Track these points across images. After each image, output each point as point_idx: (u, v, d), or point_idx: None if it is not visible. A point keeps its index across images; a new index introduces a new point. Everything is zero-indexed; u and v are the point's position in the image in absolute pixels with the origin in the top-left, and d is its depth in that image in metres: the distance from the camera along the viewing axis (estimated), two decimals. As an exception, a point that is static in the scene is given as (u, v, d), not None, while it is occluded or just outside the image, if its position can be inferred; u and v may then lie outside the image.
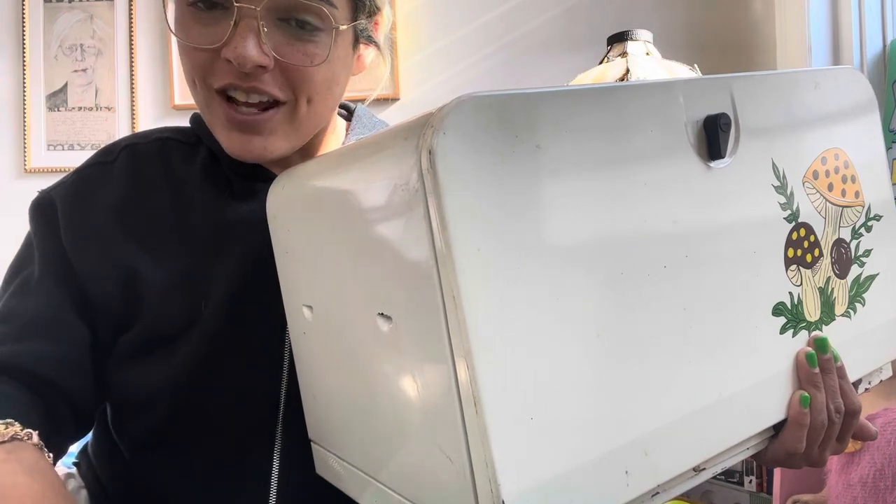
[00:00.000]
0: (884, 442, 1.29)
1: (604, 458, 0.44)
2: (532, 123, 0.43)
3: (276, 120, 0.58)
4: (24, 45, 1.97)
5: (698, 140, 0.52)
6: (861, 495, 1.30)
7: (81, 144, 1.98)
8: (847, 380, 0.57)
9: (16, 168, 1.99)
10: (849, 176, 0.62)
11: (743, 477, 1.65)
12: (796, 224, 0.57)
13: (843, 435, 0.58)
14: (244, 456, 0.61)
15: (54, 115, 1.99)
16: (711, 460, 0.51)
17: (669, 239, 0.48)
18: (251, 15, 0.54)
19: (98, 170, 0.64)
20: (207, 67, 0.57)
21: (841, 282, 0.60)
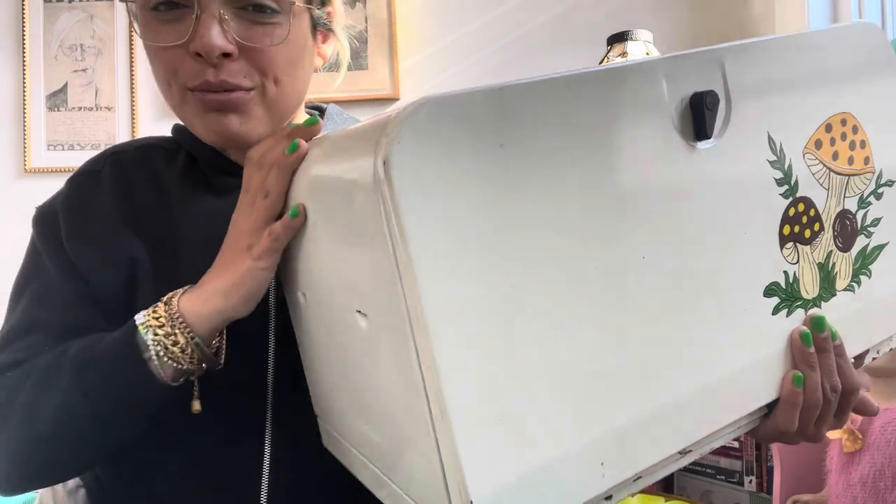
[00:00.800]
0: (884, 442, 1.29)
1: (577, 453, 0.44)
2: (494, 122, 0.42)
3: (250, 102, 0.60)
4: (24, 45, 1.97)
5: (683, 120, 0.50)
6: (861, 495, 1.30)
7: (81, 144, 1.98)
8: (846, 357, 0.56)
9: (16, 168, 1.99)
10: (857, 142, 0.59)
11: (743, 477, 1.65)
12: (794, 199, 0.55)
13: (842, 412, 0.57)
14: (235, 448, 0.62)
15: (54, 115, 1.99)
16: (699, 443, 0.51)
17: (649, 229, 0.47)
18: (211, 7, 0.57)
19: (87, 178, 0.66)
20: (178, 65, 0.59)
21: (844, 255, 0.58)
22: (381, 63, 1.94)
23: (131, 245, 0.62)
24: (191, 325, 0.53)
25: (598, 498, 0.46)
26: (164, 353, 0.53)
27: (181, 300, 0.54)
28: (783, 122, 0.54)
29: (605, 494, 0.46)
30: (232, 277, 0.54)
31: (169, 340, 0.53)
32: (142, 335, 0.53)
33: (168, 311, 0.54)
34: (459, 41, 1.94)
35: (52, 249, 0.63)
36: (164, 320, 0.53)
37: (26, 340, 0.61)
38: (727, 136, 0.51)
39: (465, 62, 1.93)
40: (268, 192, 0.54)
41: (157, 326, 0.53)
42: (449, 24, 1.94)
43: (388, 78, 1.93)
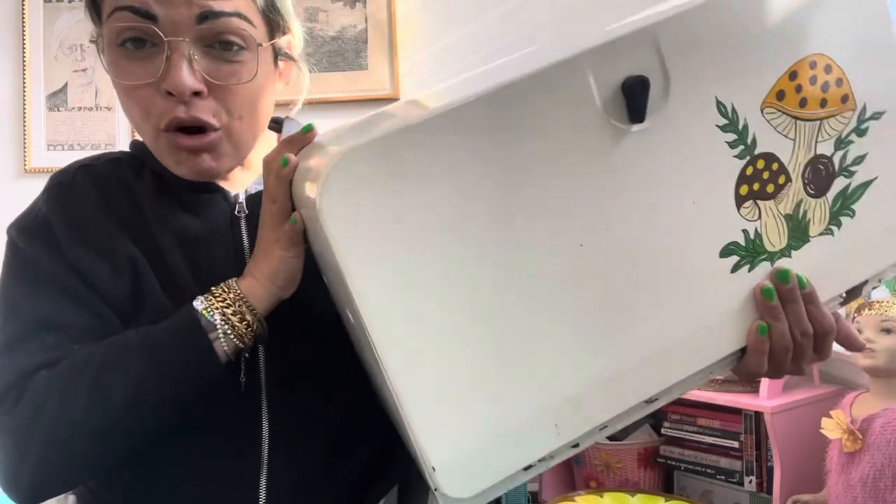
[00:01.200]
0: (884, 442, 1.29)
1: (528, 419, 0.51)
2: (415, 156, 0.49)
3: (219, 142, 0.63)
4: (24, 45, 1.97)
5: (617, 106, 0.52)
6: (861, 495, 1.30)
7: (81, 144, 1.98)
8: (817, 303, 0.57)
9: (16, 168, 1.99)
10: (832, 81, 0.58)
11: (743, 477, 1.65)
12: (752, 157, 0.55)
13: (820, 350, 0.60)
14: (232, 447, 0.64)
15: (54, 115, 1.99)
16: (665, 391, 0.55)
17: (583, 217, 0.52)
18: (181, 47, 0.59)
19: (63, 188, 0.67)
20: (149, 105, 0.61)
21: (817, 201, 0.58)
22: (381, 63, 1.94)
23: (124, 244, 0.64)
24: (252, 303, 0.60)
25: (564, 447, 0.53)
26: (231, 331, 0.59)
27: (240, 284, 0.60)
28: (734, 83, 0.54)
29: (571, 443, 0.53)
30: (271, 266, 0.60)
31: (236, 318, 0.59)
32: (207, 317, 0.59)
33: (233, 293, 0.60)
34: (459, 41, 1.94)
35: (50, 256, 0.63)
36: (230, 301, 0.59)
37: (45, 341, 0.61)
38: (666, 113, 0.53)
39: (465, 62, 1.94)
40: (275, 199, 0.58)
41: (223, 307, 0.59)
42: (449, 24, 1.95)
43: (388, 78, 1.93)
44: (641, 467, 1.83)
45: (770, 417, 1.50)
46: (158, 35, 0.59)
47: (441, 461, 0.50)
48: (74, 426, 0.57)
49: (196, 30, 0.59)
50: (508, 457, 0.52)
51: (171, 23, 0.58)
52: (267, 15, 0.64)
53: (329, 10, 1.96)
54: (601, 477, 1.85)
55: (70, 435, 0.57)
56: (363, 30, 1.95)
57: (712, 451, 1.71)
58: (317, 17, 1.96)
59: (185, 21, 0.58)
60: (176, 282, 0.64)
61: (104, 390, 0.57)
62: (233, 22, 0.60)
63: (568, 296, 0.52)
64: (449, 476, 0.50)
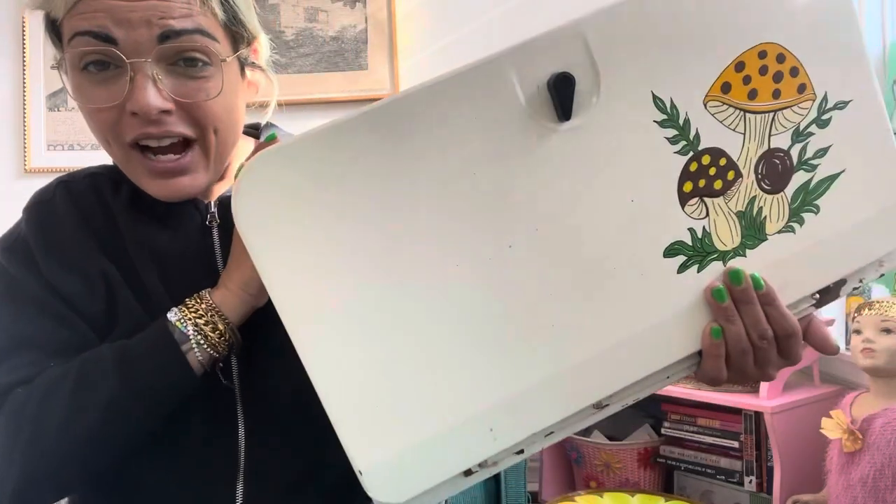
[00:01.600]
0: (884, 442, 1.29)
1: (460, 425, 0.50)
2: (331, 159, 0.49)
3: (194, 159, 0.63)
4: (24, 46, 1.97)
5: (543, 105, 0.51)
6: (861, 495, 1.30)
7: (81, 144, 1.98)
8: (776, 305, 0.55)
9: (16, 168, 1.99)
10: (785, 71, 0.54)
11: (743, 477, 1.65)
12: (696, 153, 0.53)
13: (787, 354, 0.57)
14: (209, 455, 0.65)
15: (54, 115, 1.99)
16: (616, 395, 0.54)
17: (511, 218, 0.51)
18: (144, 68, 0.58)
19: (43, 206, 0.68)
20: (115, 125, 0.61)
21: (774, 197, 0.55)
22: (380, 63, 1.94)
23: (98, 260, 0.65)
24: (225, 314, 0.60)
25: (503, 452, 0.52)
26: (205, 341, 0.60)
27: (212, 295, 0.61)
28: (672, 76, 0.52)
29: (513, 450, 0.52)
30: (243, 275, 0.61)
31: (208, 328, 0.60)
32: (181, 328, 0.60)
33: (205, 304, 0.61)
34: (459, 41, 1.94)
35: (30, 276, 0.64)
36: (202, 312, 0.60)
37: (21, 358, 0.62)
38: (597, 110, 0.51)
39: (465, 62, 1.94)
40: None
41: (195, 318, 0.60)
42: (449, 24, 1.95)
43: (387, 78, 1.94)
44: (641, 467, 1.83)
45: (770, 417, 1.50)
46: (120, 57, 0.58)
47: (368, 464, 0.50)
48: (53, 441, 0.57)
49: (158, 49, 0.58)
50: (442, 462, 0.51)
51: (132, 44, 0.58)
52: (230, 28, 0.63)
53: (329, 10, 1.96)
54: (601, 477, 1.85)
55: (50, 450, 0.58)
56: (363, 30, 1.95)
57: (712, 451, 1.71)
58: (317, 17, 1.96)
59: (146, 42, 0.58)
60: (149, 295, 0.64)
61: (80, 405, 0.58)
62: (195, 39, 0.59)
63: (497, 297, 0.51)
64: (378, 480, 0.50)
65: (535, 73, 0.51)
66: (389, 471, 0.50)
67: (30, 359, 0.61)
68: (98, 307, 0.64)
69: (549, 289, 0.52)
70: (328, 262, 0.49)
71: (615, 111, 0.52)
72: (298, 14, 1.97)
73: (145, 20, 0.57)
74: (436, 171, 0.50)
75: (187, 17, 0.59)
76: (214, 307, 0.60)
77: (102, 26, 0.57)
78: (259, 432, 0.65)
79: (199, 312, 0.60)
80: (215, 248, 0.66)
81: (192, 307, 0.61)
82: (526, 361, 0.52)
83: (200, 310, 0.60)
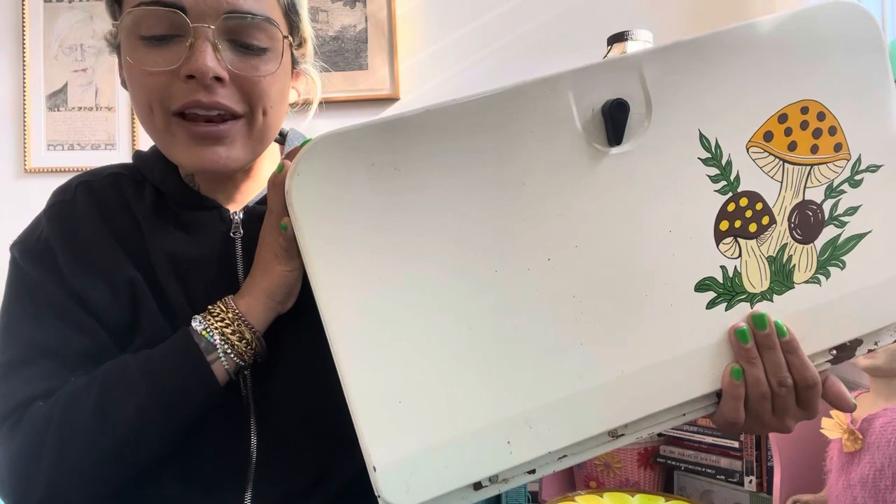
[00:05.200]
0: (884, 442, 1.29)
1: (479, 433, 0.51)
2: (388, 150, 0.49)
3: (236, 130, 0.62)
4: (24, 45, 1.97)
5: (596, 129, 0.52)
6: (861, 495, 1.30)
7: (81, 144, 1.98)
8: (798, 353, 0.55)
9: (16, 168, 1.99)
10: (825, 129, 0.56)
11: (743, 477, 1.65)
12: (735, 195, 0.55)
13: (806, 406, 0.57)
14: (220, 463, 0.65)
15: (54, 115, 1.99)
16: (631, 426, 0.54)
17: (554, 232, 0.52)
18: (205, 33, 0.58)
19: (64, 207, 0.66)
20: (165, 91, 0.60)
21: (804, 247, 0.56)
22: (381, 63, 1.94)
23: (124, 266, 0.63)
24: (251, 322, 0.59)
25: (516, 469, 0.52)
26: (231, 350, 0.59)
27: (237, 302, 0.60)
28: (719, 118, 0.54)
29: (526, 468, 0.53)
30: (270, 281, 0.60)
31: (235, 336, 0.59)
32: (207, 338, 0.59)
33: (231, 313, 0.60)
34: (459, 41, 1.94)
35: (52, 281, 0.63)
36: (228, 321, 0.59)
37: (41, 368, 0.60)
38: (646, 139, 0.53)
39: (465, 62, 1.93)
40: (272, 209, 0.58)
41: (223, 327, 0.59)
42: (449, 24, 1.94)
43: (388, 78, 1.93)
44: (641, 467, 1.83)
45: (770, 417, 1.50)
46: (184, 21, 0.58)
47: (383, 463, 0.50)
48: (78, 456, 0.57)
49: (223, 20, 0.58)
50: (456, 469, 0.51)
51: (199, 11, 0.58)
52: (289, 16, 0.64)
53: (329, 10, 1.96)
54: (601, 477, 1.85)
55: (74, 466, 0.57)
56: (363, 30, 1.95)
57: (712, 451, 1.71)
58: (317, 17, 1.96)
59: (213, 12, 0.58)
60: (170, 303, 0.63)
61: (106, 418, 0.57)
62: (260, 22, 0.60)
63: (530, 309, 0.52)
64: (390, 479, 0.50)
65: (591, 97, 0.52)
66: (403, 471, 0.50)
67: (49, 370, 0.60)
68: (123, 316, 0.63)
69: (582, 307, 0.52)
70: (373, 255, 0.50)
71: (663, 143, 0.53)
72: (298, 14, 1.97)
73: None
74: (489, 177, 0.51)
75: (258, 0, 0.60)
76: (241, 315, 0.60)
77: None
78: (270, 442, 0.64)
79: (225, 321, 0.59)
80: (237, 258, 0.65)
81: (217, 315, 0.60)
82: (550, 376, 0.52)
83: (227, 318, 0.59)
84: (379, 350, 0.50)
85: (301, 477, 0.65)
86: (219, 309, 0.60)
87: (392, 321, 0.50)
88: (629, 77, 0.53)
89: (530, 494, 1.85)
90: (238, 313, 0.60)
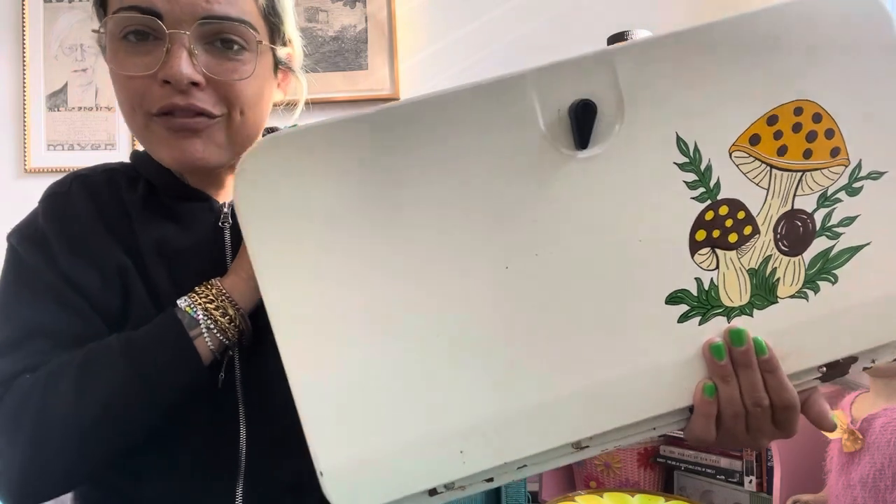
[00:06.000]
0: (884, 442, 1.29)
1: (430, 442, 0.49)
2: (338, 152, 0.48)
3: (213, 128, 0.63)
4: (24, 45, 1.97)
5: (563, 131, 0.49)
6: (861, 495, 1.30)
7: (81, 144, 1.98)
8: (777, 374, 0.52)
9: (16, 168, 1.99)
10: (820, 132, 0.52)
11: (743, 477, 1.65)
12: (714, 202, 0.51)
13: (783, 427, 0.54)
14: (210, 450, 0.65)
15: (54, 115, 1.99)
16: (597, 438, 0.52)
17: (512, 240, 0.49)
18: (181, 39, 0.59)
19: (60, 198, 0.68)
20: (144, 93, 0.61)
21: (791, 260, 0.52)
22: (381, 63, 1.94)
23: (115, 254, 0.65)
24: (235, 300, 0.60)
25: (471, 478, 0.51)
26: (215, 326, 0.59)
27: (222, 282, 0.61)
28: (700, 120, 0.50)
29: (482, 477, 0.51)
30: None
31: (218, 312, 0.59)
32: (190, 314, 0.59)
33: (215, 290, 0.60)
34: (459, 41, 1.94)
35: (46, 266, 0.64)
36: (212, 297, 0.60)
37: (33, 346, 0.61)
38: (617, 142, 0.50)
39: (465, 62, 1.93)
40: None
41: (206, 303, 0.60)
42: (449, 24, 1.94)
43: (387, 78, 1.93)
44: (641, 467, 1.83)
45: (770, 417, 1.50)
46: (160, 27, 0.59)
47: (330, 467, 0.49)
48: (58, 428, 0.57)
49: (198, 25, 0.59)
50: (405, 476, 0.49)
51: (174, 17, 0.59)
52: (268, 18, 0.64)
53: (329, 10, 1.96)
54: (601, 477, 1.85)
55: (53, 436, 0.57)
56: (363, 30, 1.95)
57: (712, 451, 1.71)
58: (317, 17, 1.96)
59: (188, 18, 0.59)
60: (158, 290, 0.64)
61: (85, 391, 0.57)
62: (235, 23, 0.61)
63: (486, 316, 0.49)
64: (337, 484, 0.49)
65: (558, 97, 0.49)
66: (351, 476, 0.49)
67: (41, 348, 0.61)
68: (114, 301, 0.64)
69: (542, 317, 0.50)
70: (320, 258, 0.48)
71: (635, 147, 0.50)
72: (298, 14, 1.96)
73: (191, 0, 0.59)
74: (441, 181, 0.49)
75: (232, 3, 0.60)
76: (224, 293, 0.60)
77: (149, 1, 0.59)
78: (260, 434, 0.65)
79: (209, 297, 0.60)
80: (226, 249, 0.66)
81: (202, 293, 0.60)
82: (506, 388, 0.50)
83: (210, 295, 0.60)
84: (326, 353, 0.49)
85: (292, 470, 0.66)
86: (204, 287, 0.61)
87: (340, 326, 0.49)
88: (600, 75, 0.49)
89: (530, 494, 1.85)
90: (222, 290, 0.60)
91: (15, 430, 0.58)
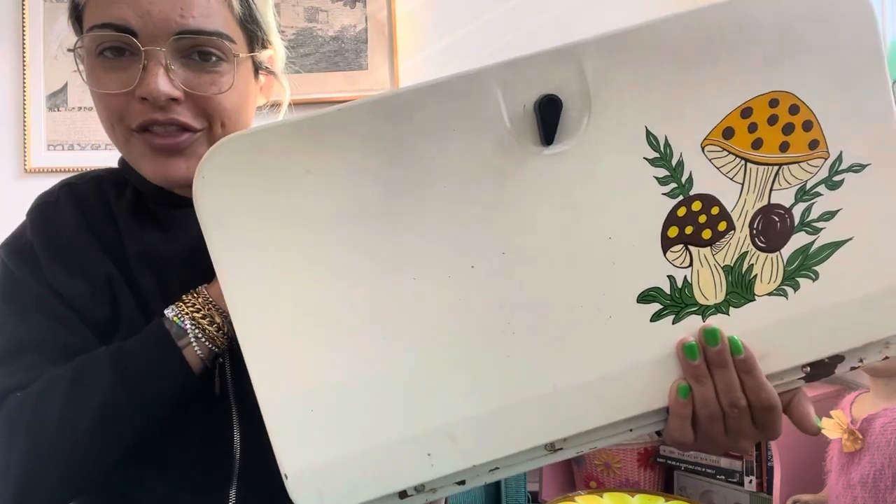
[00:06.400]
0: (884, 442, 1.29)
1: (396, 444, 0.49)
2: (298, 151, 0.47)
3: (195, 144, 0.62)
4: (24, 45, 1.97)
5: (528, 127, 0.48)
6: (861, 495, 1.30)
7: (81, 144, 1.98)
8: (754, 373, 0.51)
9: (16, 168, 1.99)
10: (798, 124, 0.50)
11: (743, 477, 1.65)
12: (686, 198, 0.50)
13: (764, 428, 0.53)
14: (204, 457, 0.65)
15: (54, 115, 1.99)
16: (571, 440, 0.51)
17: (478, 239, 0.49)
18: (158, 56, 0.59)
19: (47, 208, 0.68)
20: (123, 110, 0.61)
21: (768, 256, 0.51)
22: (381, 63, 1.94)
23: (102, 263, 0.65)
24: (222, 307, 0.60)
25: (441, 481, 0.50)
26: (203, 335, 0.59)
27: (209, 290, 0.61)
28: (671, 114, 0.49)
29: (453, 480, 0.50)
30: None
31: (206, 321, 0.59)
32: (178, 324, 0.59)
33: (202, 298, 0.60)
34: (460, 41, 1.94)
35: (34, 279, 0.64)
36: (199, 306, 0.59)
37: (23, 361, 0.61)
38: (585, 138, 0.49)
39: (465, 62, 1.93)
40: None
41: (193, 311, 0.59)
42: (449, 24, 1.94)
43: (388, 78, 1.93)
44: (641, 467, 1.83)
45: (770, 417, 1.50)
46: (135, 45, 0.59)
47: (295, 470, 0.48)
48: (50, 443, 0.57)
49: (173, 40, 0.59)
50: (373, 479, 0.49)
51: (148, 34, 0.59)
52: (246, 26, 0.64)
53: (329, 10, 1.95)
54: (601, 477, 1.85)
55: (47, 450, 0.57)
56: (363, 30, 1.95)
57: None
58: (317, 17, 1.96)
59: (163, 33, 0.59)
60: (145, 298, 0.64)
61: (76, 404, 0.57)
62: (212, 39, 0.60)
63: (450, 320, 0.49)
64: (303, 486, 0.48)
65: (522, 93, 0.48)
66: (316, 479, 0.48)
67: (30, 363, 0.61)
68: (103, 311, 0.63)
69: (509, 318, 0.49)
70: (283, 258, 0.48)
71: (603, 142, 0.49)
72: (298, 14, 1.96)
73: (165, 15, 0.58)
74: (404, 180, 0.48)
75: (206, 16, 0.59)
76: (211, 301, 0.60)
77: (122, 18, 0.58)
78: (254, 438, 0.65)
79: (196, 307, 0.59)
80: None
81: (189, 302, 0.60)
82: (472, 390, 0.49)
83: (197, 304, 0.60)
84: (289, 356, 0.48)
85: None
86: (190, 296, 0.61)
87: (303, 328, 0.48)
88: (566, 70, 0.48)
89: (530, 494, 1.85)
90: (208, 298, 0.60)
91: (9, 446, 0.58)
